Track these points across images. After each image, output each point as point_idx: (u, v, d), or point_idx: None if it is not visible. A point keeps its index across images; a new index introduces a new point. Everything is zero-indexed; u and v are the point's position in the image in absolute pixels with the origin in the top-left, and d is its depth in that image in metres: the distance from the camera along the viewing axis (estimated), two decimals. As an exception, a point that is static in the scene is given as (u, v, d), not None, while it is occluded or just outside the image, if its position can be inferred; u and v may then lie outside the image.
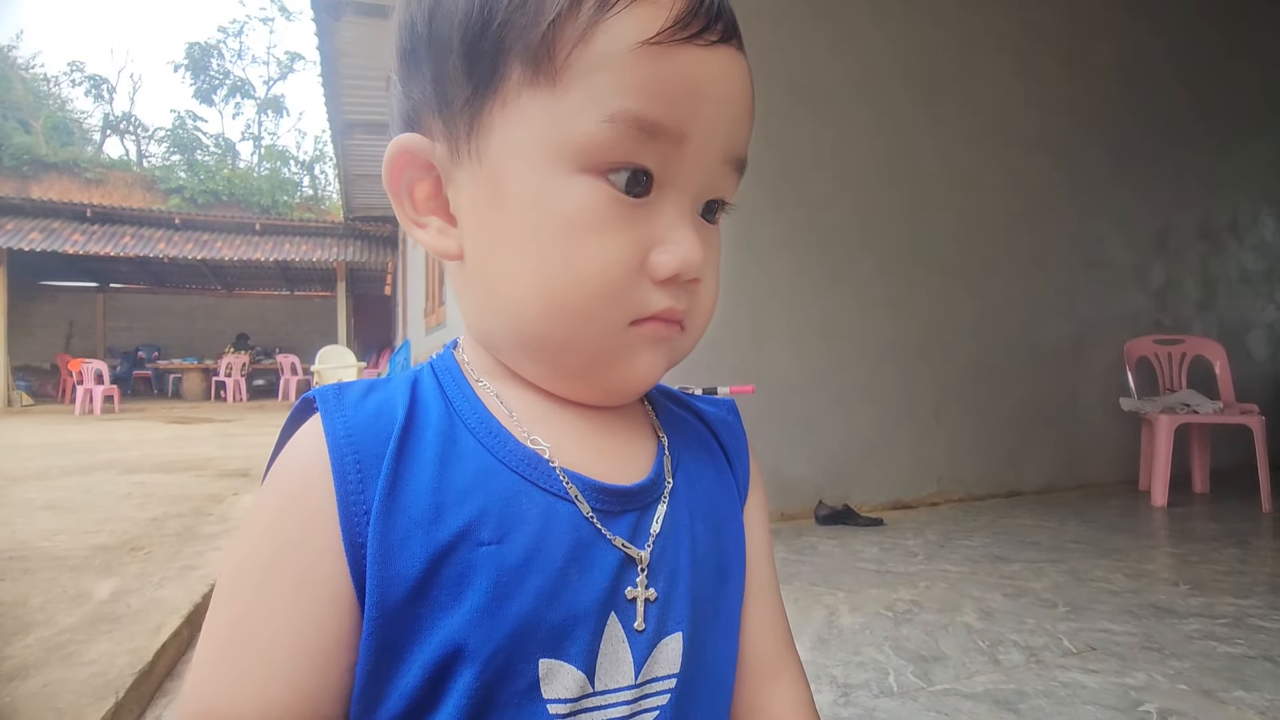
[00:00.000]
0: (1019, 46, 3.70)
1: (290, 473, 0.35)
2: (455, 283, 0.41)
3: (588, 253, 0.33)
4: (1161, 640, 1.70)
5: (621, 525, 0.37)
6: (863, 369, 3.29)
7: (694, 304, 0.38)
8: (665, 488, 0.40)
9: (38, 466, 4.83)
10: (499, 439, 0.37)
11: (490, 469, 0.36)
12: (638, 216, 0.34)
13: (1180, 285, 4.27)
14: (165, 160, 21.17)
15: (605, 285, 0.34)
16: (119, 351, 14.10)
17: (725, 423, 0.48)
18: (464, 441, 0.36)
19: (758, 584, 0.45)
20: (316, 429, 0.35)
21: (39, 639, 1.75)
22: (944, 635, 1.74)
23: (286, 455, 0.36)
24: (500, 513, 0.34)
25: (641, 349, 0.37)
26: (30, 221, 11.24)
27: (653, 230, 0.35)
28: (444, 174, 0.37)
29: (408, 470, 0.34)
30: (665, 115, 0.33)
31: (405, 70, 0.38)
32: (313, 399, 0.37)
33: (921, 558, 2.47)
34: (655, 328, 0.36)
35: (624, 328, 0.35)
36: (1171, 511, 3.19)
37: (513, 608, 0.33)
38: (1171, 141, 4.19)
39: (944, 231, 3.51)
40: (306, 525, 0.33)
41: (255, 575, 0.33)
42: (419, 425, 0.36)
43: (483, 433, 0.37)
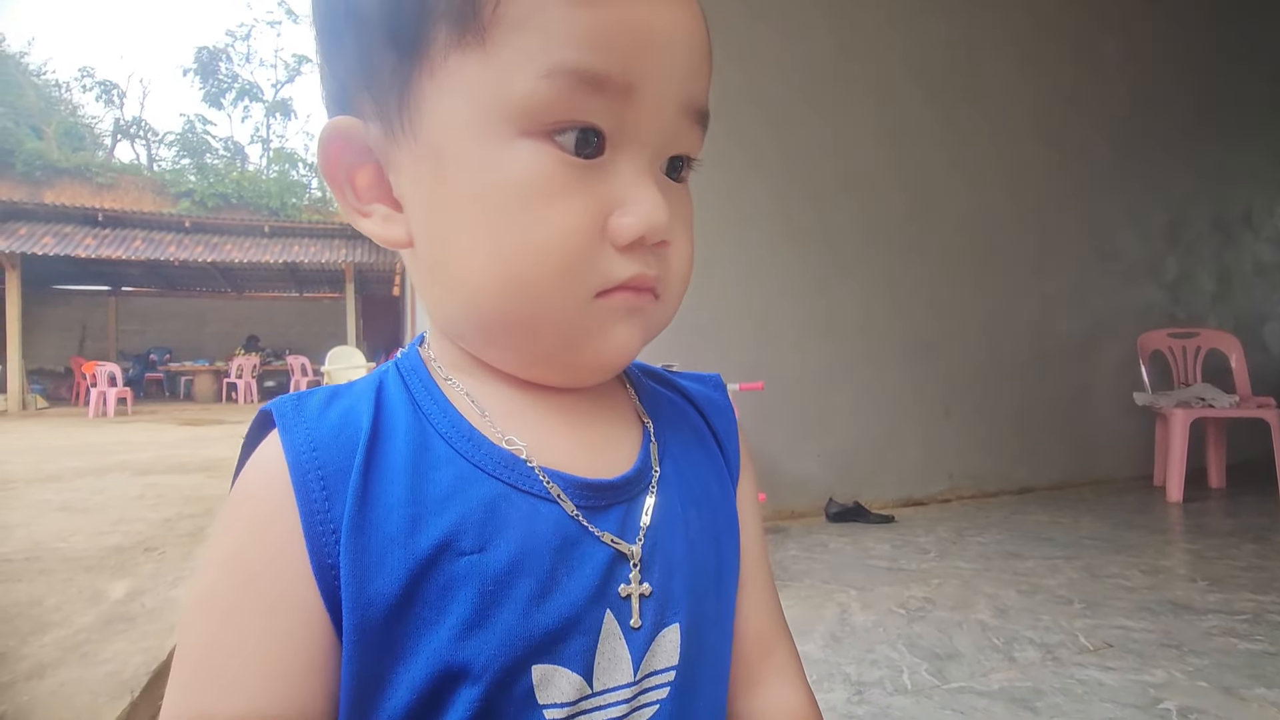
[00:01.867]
0: (1027, 40, 3.66)
1: (251, 494, 0.34)
2: (411, 273, 0.38)
3: (540, 222, 0.31)
4: (1180, 637, 1.68)
5: (609, 520, 0.35)
6: (871, 365, 3.27)
7: (666, 269, 0.35)
8: (653, 477, 0.38)
9: (52, 468, 4.87)
10: (472, 443, 0.35)
11: (466, 475, 0.34)
12: (592, 179, 0.32)
13: (1194, 278, 4.23)
14: (175, 164, 21.34)
15: (564, 255, 0.31)
16: (131, 354, 14.22)
17: (712, 401, 0.46)
18: (436, 448, 0.34)
19: (750, 564, 0.44)
20: (275, 445, 0.33)
21: (56, 638, 1.77)
22: (958, 632, 1.73)
23: (246, 475, 0.34)
24: (480, 520, 0.33)
25: (613, 322, 0.34)
26: (43, 226, 11.36)
27: (610, 192, 0.32)
28: (382, 156, 0.34)
29: (377, 483, 0.33)
30: (608, 65, 0.30)
31: (328, 47, 0.36)
32: (270, 411, 0.35)
33: (934, 555, 2.45)
34: (624, 297, 0.33)
35: (590, 300, 0.33)
36: (1187, 507, 3.15)
37: (501, 617, 0.32)
38: (1183, 133, 4.14)
39: (952, 226, 3.48)
40: (272, 551, 0.32)
41: (223, 604, 0.32)
42: (386, 433, 0.34)
43: (455, 437, 0.35)
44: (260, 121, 25.25)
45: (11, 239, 10.76)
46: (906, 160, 3.36)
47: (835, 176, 3.21)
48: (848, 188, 3.24)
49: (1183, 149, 4.14)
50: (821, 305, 3.20)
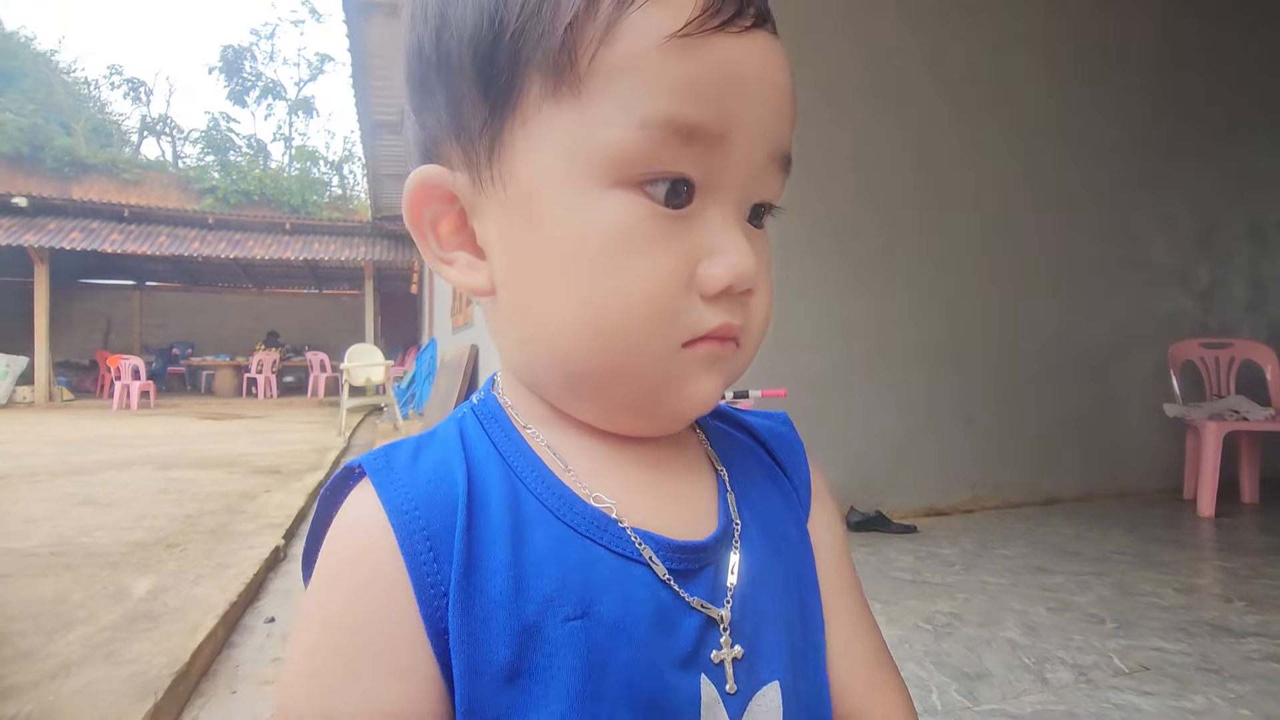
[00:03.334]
0: (1055, 42, 3.59)
1: (354, 557, 0.32)
2: (490, 320, 0.38)
3: (630, 273, 0.31)
4: (1219, 661, 1.63)
5: (700, 584, 0.35)
6: (893, 372, 3.23)
7: (749, 317, 0.35)
8: (735, 531, 0.37)
9: (77, 461, 4.95)
10: (564, 501, 0.34)
11: (561, 536, 0.33)
12: (680, 229, 0.31)
13: (1227, 286, 4.12)
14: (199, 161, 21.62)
15: (652, 306, 0.31)
16: (154, 348, 14.46)
17: (779, 436, 0.45)
18: (528, 506, 0.34)
19: (837, 598, 0.42)
20: (372, 503, 0.32)
21: (80, 636, 1.78)
22: (987, 651, 1.69)
23: (343, 536, 0.33)
24: (581, 584, 0.32)
25: (697, 371, 0.33)
26: (71, 221, 11.57)
27: (698, 242, 0.32)
28: (468, 205, 0.34)
29: (480, 543, 0.32)
30: (702, 114, 0.30)
31: (417, 98, 0.36)
32: (357, 467, 0.34)
33: (959, 567, 2.40)
34: (710, 347, 0.33)
35: (676, 350, 0.32)
36: (1220, 522, 3.07)
37: (608, 685, 0.31)
38: (1216, 137, 4.03)
39: (975, 232, 3.42)
40: (384, 614, 0.31)
41: (335, 670, 0.30)
42: (482, 490, 0.34)
43: (546, 494, 0.34)
44: (283, 120, 25.57)
45: (41, 234, 10.98)
46: (927, 165, 3.31)
47: (855, 181, 3.17)
48: (868, 193, 3.19)
49: (1215, 153, 4.04)
50: (842, 312, 3.16)
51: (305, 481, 4.17)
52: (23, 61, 17.68)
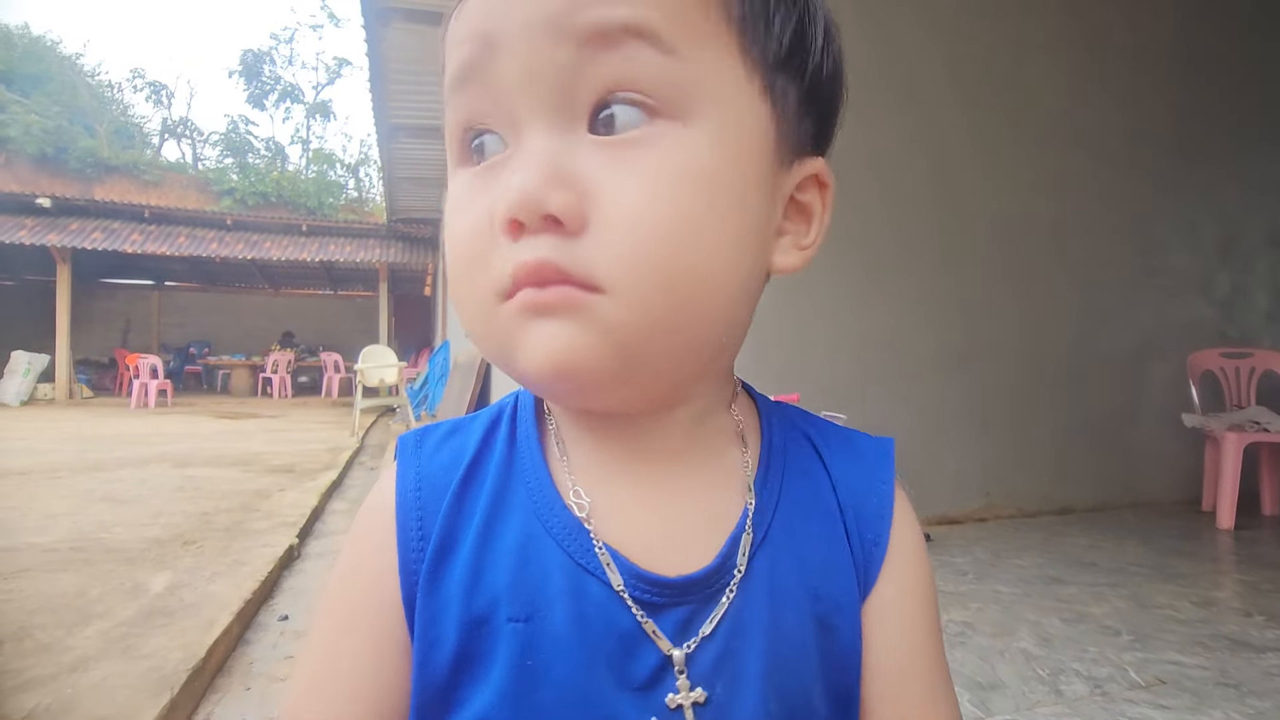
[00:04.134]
0: (1072, 46, 3.56)
1: (364, 524, 0.36)
2: None
3: (454, 239, 0.31)
4: (1238, 676, 1.61)
5: (668, 618, 0.32)
6: (906, 378, 3.21)
7: (596, 249, 0.27)
8: (734, 577, 0.33)
9: (96, 458, 5.02)
10: (544, 497, 0.34)
11: (532, 534, 0.33)
12: (490, 177, 0.30)
13: (1248, 295, 4.06)
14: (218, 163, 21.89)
15: (465, 260, 0.30)
16: (172, 347, 14.64)
17: (860, 478, 0.38)
18: (514, 497, 0.34)
19: (901, 687, 0.36)
20: (390, 478, 0.35)
21: (99, 630, 1.81)
22: (1000, 661, 1.68)
23: (368, 502, 0.37)
24: (534, 586, 0.32)
25: (523, 326, 0.28)
26: (93, 222, 11.75)
27: (501, 183, 0.29)
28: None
29: (457, 529, 0.33)
30: (464, 52, 0.30)
31: None
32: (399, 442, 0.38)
33: (972, 577, 2.38)
34: (525, 295, 0.28)
35: (497, 306, 0.29)
36: (1239, 535, 3.02)
37: (542, 695, 0.30)
38: (1238, 143, 3.98)
39: (991, 237, 3.40)
40: (372, 581, 0.34)
41: (335, 622, 0.35)
42: (478, 476, 0.35)
43: (534, 488, 0.34)
44: (300, 123, 25.81)
45: (64, 234, 11.16)
46: (944, 171, 3.29)
47: (870, 185, 3.16)
48: (883, 197, 3.18)
49: (1237, 160, 3.99)
50: (856, 318, 3.14)
51: (319, 481, 4.21)
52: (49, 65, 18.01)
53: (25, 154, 14.19)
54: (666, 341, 0.29)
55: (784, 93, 0.32)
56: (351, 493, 4.26)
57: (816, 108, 0.34)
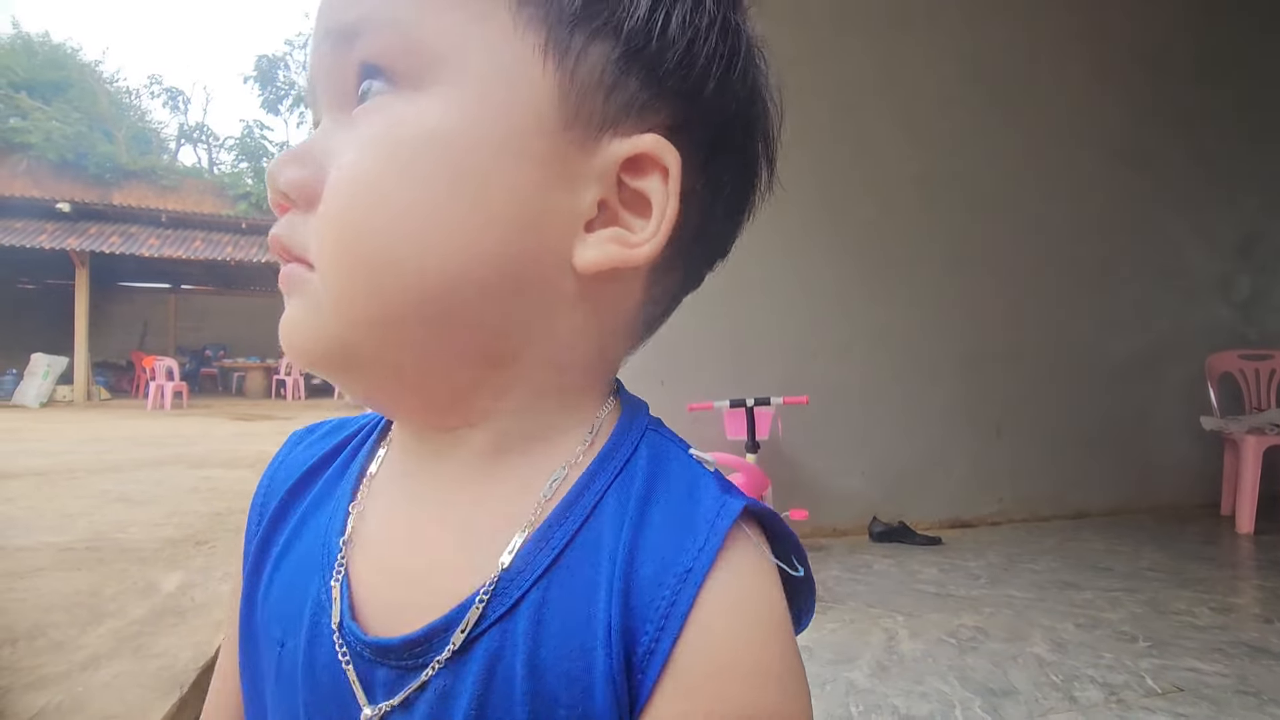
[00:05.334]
0: (1092, 46, 3.52)
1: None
2: None
3: None
4: (1258, 683, 1.57)
5: (379, 676, 0.28)
6: (920, 380, 3.18)
7: (310, 223, 0.27)
8: (443, 652, 0.27)
9: (113, 459, 5.09)
10: (332, 518, 0.33)
11: (313, 554, 0.32)
12: None
13: (1269, 296, 3.99)
14: (234, 167, 22.13)
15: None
16: (188, 350, 14.82)
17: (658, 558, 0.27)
18: (325, 509, 0.34)
19: None
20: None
21: (111, 629, 1.82)
22: (1013, 667, 1.65)
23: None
24: (293, 610, 0.31)
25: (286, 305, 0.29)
26: (111, 226, 11.93)
27: None
28: None
29: (277, 532, 0.35)
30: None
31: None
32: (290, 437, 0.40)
33: (984, 581, 2.35)
34: (282, 272, 0.28)
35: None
36: (1259, 539, 2.96)
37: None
38: (1258, 143, 3.92)
39: (1007, 240, 3.36)
40: (240, 562, 0.37)
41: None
42: (312, 482, 0.35)
43: (337, 505, 0.33)
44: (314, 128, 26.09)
45: (83, 238, 11.34)
46: (958, 172, 3.26)
47: (884, 187, 3.14)
48: (896, 198, 3.16)
49: (1258, 160, 3.92)
50: (868, 319, 3.12)
51: (330, 482, 4.24)
52: (69, 72, 18.30)
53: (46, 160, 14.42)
54: (388, 331, 0.27)
55: (582, 52, 0.27)
56: (362, 494, 4.28)
57: (649, 73, 0.27)
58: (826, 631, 1.85)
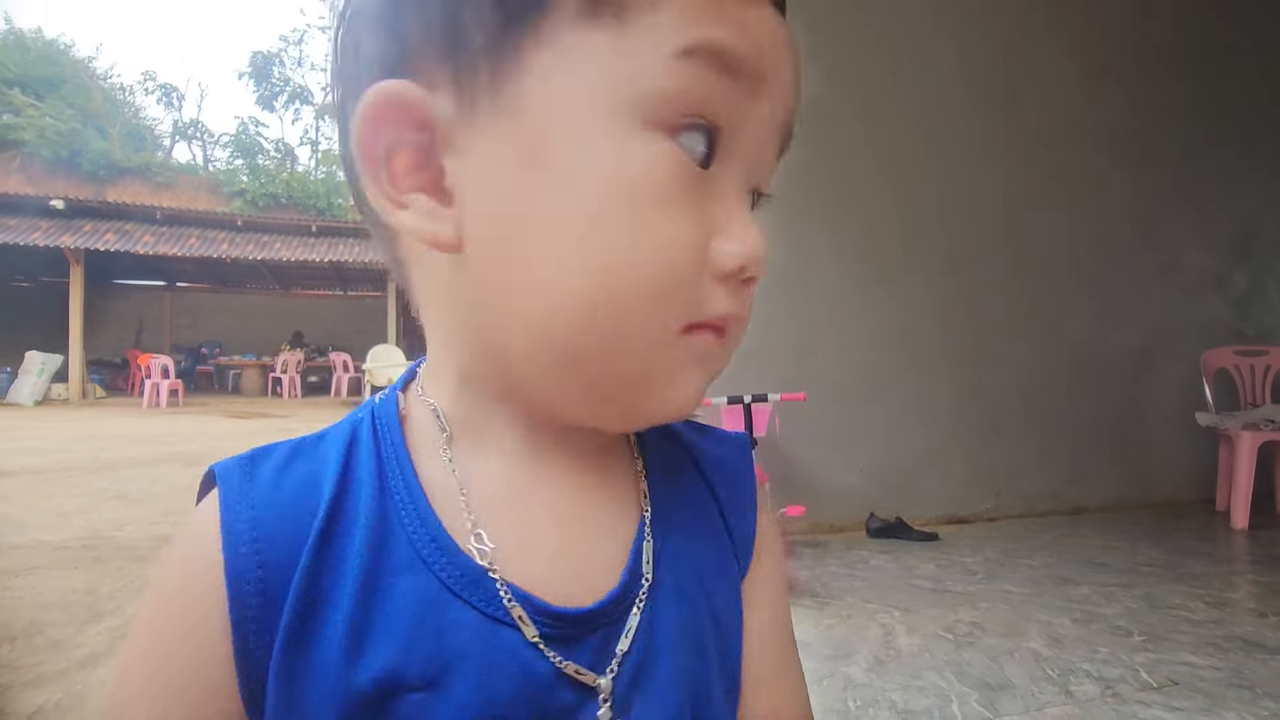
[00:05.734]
0: (1086, 40, 3.52)
1: (175, 577, 0.29)
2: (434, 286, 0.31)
3: (647, 236, 0.26)
4: (1252, 678, 1.58)
5: (583, 649, 0.29)
6: (917, 377, 3.19)
7: (743, 312, 0.30)
8: (643, 588, 0.32)
9: (109, 457, 5.07)
10: (438, 546, 0.29)
11: (427, 590, 0.28)
12: (703, 192, 0.27)
13: (1265, 292, 4.01)
14: (229, 164, 22.06)
15: (665, 276, 0.27)
16: (183, 347, 14.77)
17: (726, 468, 0.38)
18: (398, 548, 0.28)
19: (768, 660, 0.36)
20: (211, 521, 0.28)
21: (109, 627, 1.82)
22: (1009, 662, 1.66)
23: (176, 553, 0.29)
24: (434, 650, 0.27)
25: (687, 365, 0.29)
26: (105, 223, 11.88)
27: (714, 211, 0.28)
28: (444, 135, 0.27)
29: (324, 588, 0.27)
30: (746, 48, 0.27)
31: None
32: (213, 473, 0.30)
33: (981, 576, 2.36)
34: (706, 338, 0.29)
35: (676, 334, 0.28)
36: (1254, 535, 2.98)
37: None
38: (1251, 135, 3.92)
39: (1003, 236, 3.37)
40: (192, 650, 0.27)
41: (142, 695, 0.28)
42: (346, 521, 0.28)
43: (420, 536, 0.29)
44: (310, 124, 25.96)
45: (77, 235, 11.29)
46: (954, 168, 3.26)
47: (880, 185, 3.14)
48: (893, 196, 3.16)
49: (1255, 155, 3.93)
50: (866, 316, 3.12)
51: (327, 480, 4.23)
52: (63, 68, 18.20)
53: (40, 157, 14.35)
54: None
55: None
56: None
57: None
58: (824, 627, 1.85)
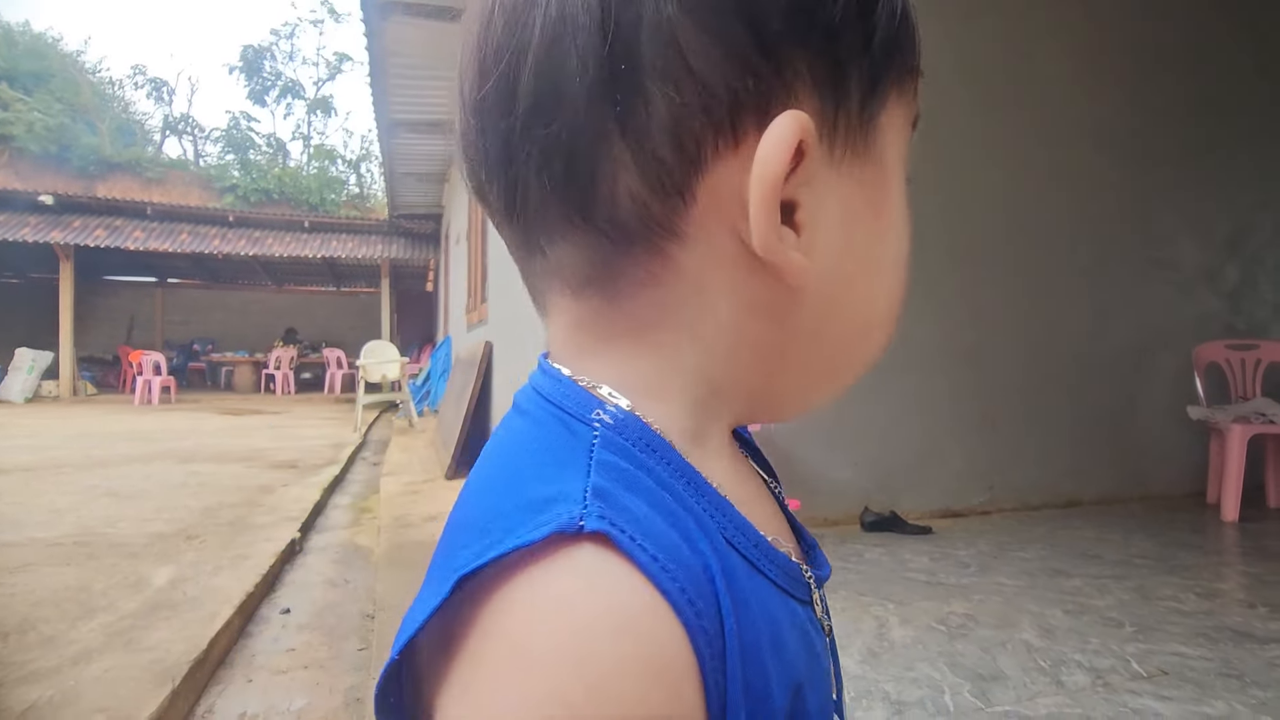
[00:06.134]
0: (1082, 39, 3.53)
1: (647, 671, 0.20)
2: (725, 310, 0.29)
3: (904, 237, 0.32)
4: (1241, 667, 1.60)
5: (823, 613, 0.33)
6: (912, 372, 3.20)
7: None
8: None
9: (101, 455, 5.04)
10: (758, 548, 0.28)
11: (766, 593, 0.27)
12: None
13: (1256, 287, 4.04)
14: (220, 160, 21.93)
15: (904, 258, 0.33)
16: (175, 344, 14.69)
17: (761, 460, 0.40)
18: (732, 563, 0.26)
19: None
20: (638, 587, 0.21)
21: (102, 624, 1.81)
22: (1002, 653, 1.67)
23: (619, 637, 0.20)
24: (796, 649, 0.27)
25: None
26: (95, 219, 11.77)
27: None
28: (809, 172, 0.27)
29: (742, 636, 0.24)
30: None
31: (787, 24, 0.26)
32: (602, 532, 0.21)
33: (974, 569, 2.38)
34: None
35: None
36: (1244, 527, 3.01)
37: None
38: (1248, 134, 3.95)
39: (998, 231, 3.38)
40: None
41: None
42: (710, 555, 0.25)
43: (740, 541, 0.27)
44: (302, 119, 25.83)
45: (66, 231, 11.18)
46: (951, 162, 3.27)
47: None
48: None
49: (1248, 152, 3.96)
50: (860, 309, 3.13)
51: (321, 476, 4.22)
52: (51, 62, 18.03)
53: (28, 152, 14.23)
54: None
55: None
56: (354, 487, 4.27)
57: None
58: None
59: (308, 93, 25.50)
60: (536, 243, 0.29)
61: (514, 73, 0.26)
